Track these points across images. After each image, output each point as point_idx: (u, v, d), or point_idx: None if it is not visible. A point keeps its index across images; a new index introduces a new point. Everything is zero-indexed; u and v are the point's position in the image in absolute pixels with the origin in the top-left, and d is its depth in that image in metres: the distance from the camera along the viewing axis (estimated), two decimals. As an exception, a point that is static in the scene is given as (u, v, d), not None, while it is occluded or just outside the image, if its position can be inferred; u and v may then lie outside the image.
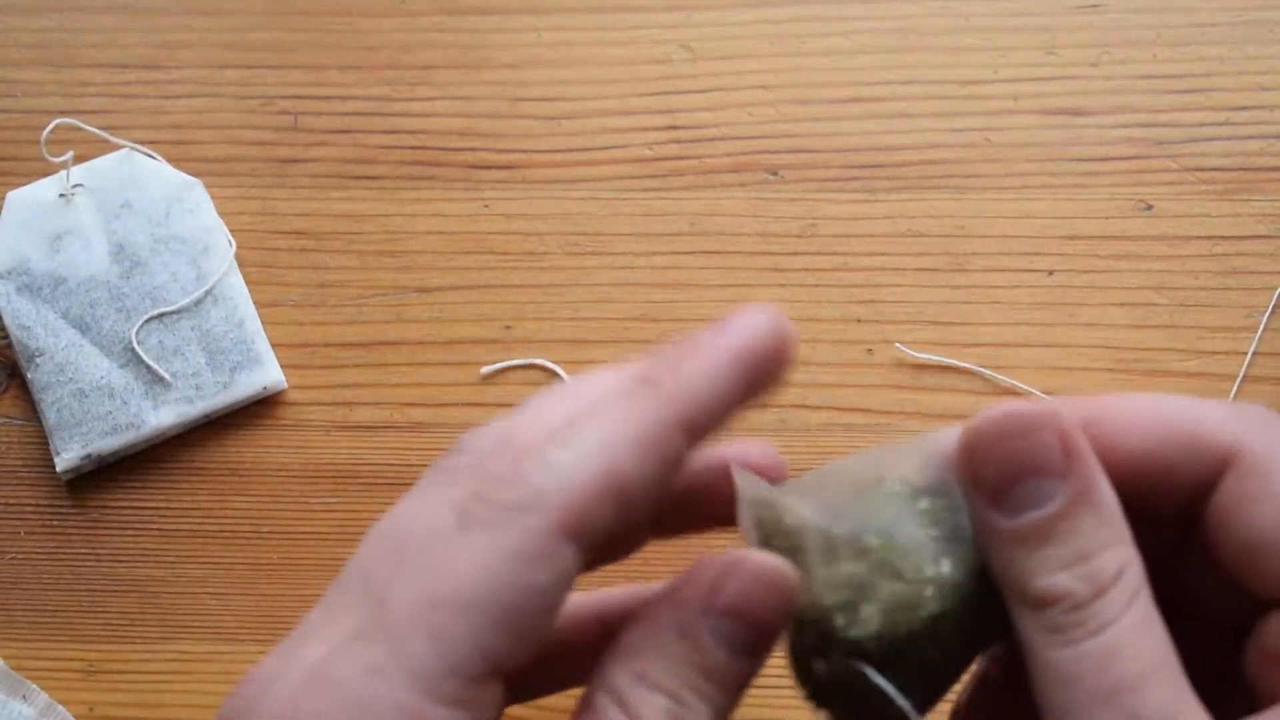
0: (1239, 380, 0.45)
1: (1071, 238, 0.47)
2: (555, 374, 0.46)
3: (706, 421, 0.26)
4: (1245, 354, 0.45)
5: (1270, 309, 0.46)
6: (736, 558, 0.26)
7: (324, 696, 0.23)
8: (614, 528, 0.24)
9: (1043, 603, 0.25)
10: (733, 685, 0.26)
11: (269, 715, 0.23)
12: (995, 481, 0.26)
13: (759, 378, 0.26)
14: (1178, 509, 0.27)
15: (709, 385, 0.25)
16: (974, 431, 0.26)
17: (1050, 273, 0.47)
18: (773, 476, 0.28)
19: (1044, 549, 0.25)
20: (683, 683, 0.25)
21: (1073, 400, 0.29)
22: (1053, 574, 0.25)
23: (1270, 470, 0.26)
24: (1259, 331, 0.46)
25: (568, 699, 0.27)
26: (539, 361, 0.46)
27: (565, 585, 0.24)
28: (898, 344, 0.46)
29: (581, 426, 0.25)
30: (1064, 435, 0.26)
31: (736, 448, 0.29)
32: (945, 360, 0.46)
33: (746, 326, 0.26)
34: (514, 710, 0.27)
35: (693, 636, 0.25)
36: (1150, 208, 0.48)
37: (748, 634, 0.26)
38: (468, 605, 0.23)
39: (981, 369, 0.45)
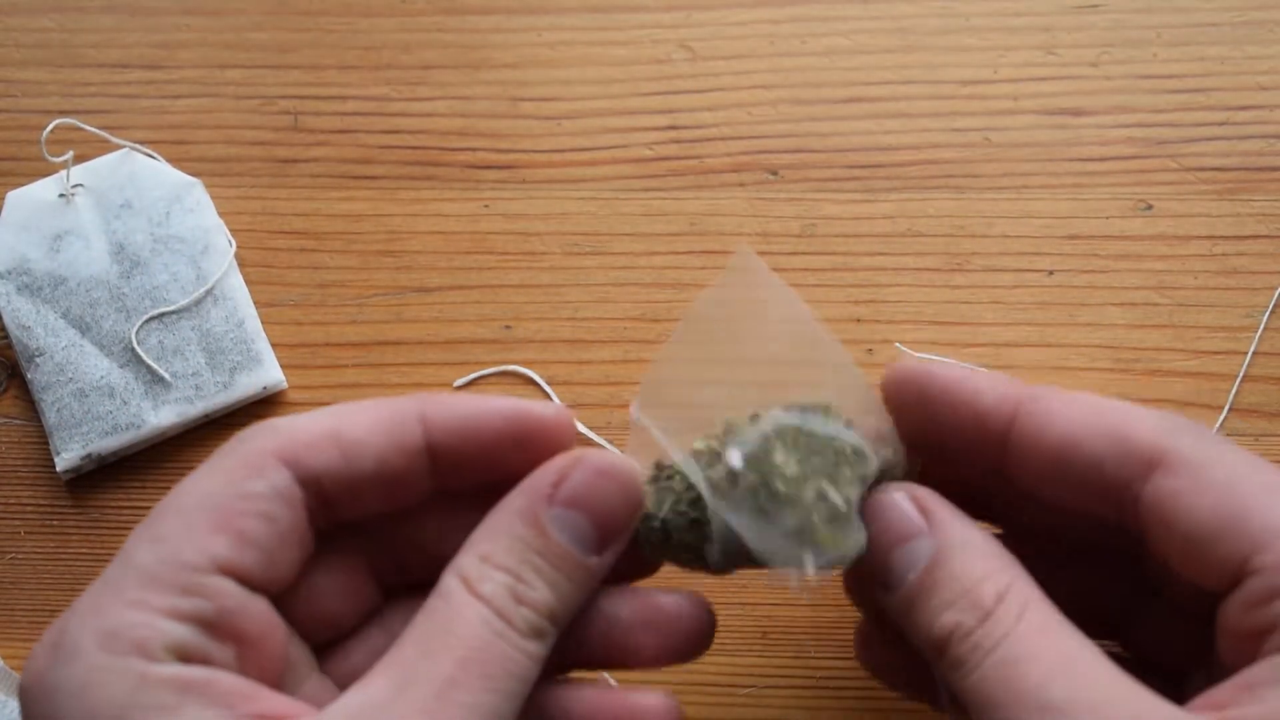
0: (1239, 380, 0.45)
1: (1071, 238, 0.47)
2: (533, 381, 0.46)
3: (451, 423, 0.29)
4: (1245, 354, 0.45)
5: (1270, 309, 0.46)
6: (584, 452, 0.28)
7: (69, 618, 0.26)
8: (343, 472, 0.28)
9: (942, 644, 0.27)
10: (579, 575, 0.28)
11: (40, 642, 0.27)
12: (875, 563, 0.28)
13: (517, 426, 0.29)
14: (1107, 508, 0.28)
15: (465, 405, 0.29)
16: None
17: (1050, 273, 0.47)
18: (565, 440, 0.30)
19: (930, 600, 0.27)
20: (524, 563, 0.27)
21: (1009, 381, 0.30)
22: (941, 616, 0.26)
23: (1199, 465, 0.27)
24: (1259, 331, 0.46)
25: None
26: (514, 368, 0.46)
27: (284, 501, 0.27)
28: (898, 344, 0.46)
29: (332, 407, 0.29)
30: (916, 499, 0.28)
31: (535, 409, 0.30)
32: (945, 360, 0.46)
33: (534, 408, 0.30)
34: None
35: (535, 523, 0.27)
36: (1150, 208, 0.48)
37: (589, 526, 0.28)
38: (183, 509, 0.27)
39: (982, 369, 0.45)
